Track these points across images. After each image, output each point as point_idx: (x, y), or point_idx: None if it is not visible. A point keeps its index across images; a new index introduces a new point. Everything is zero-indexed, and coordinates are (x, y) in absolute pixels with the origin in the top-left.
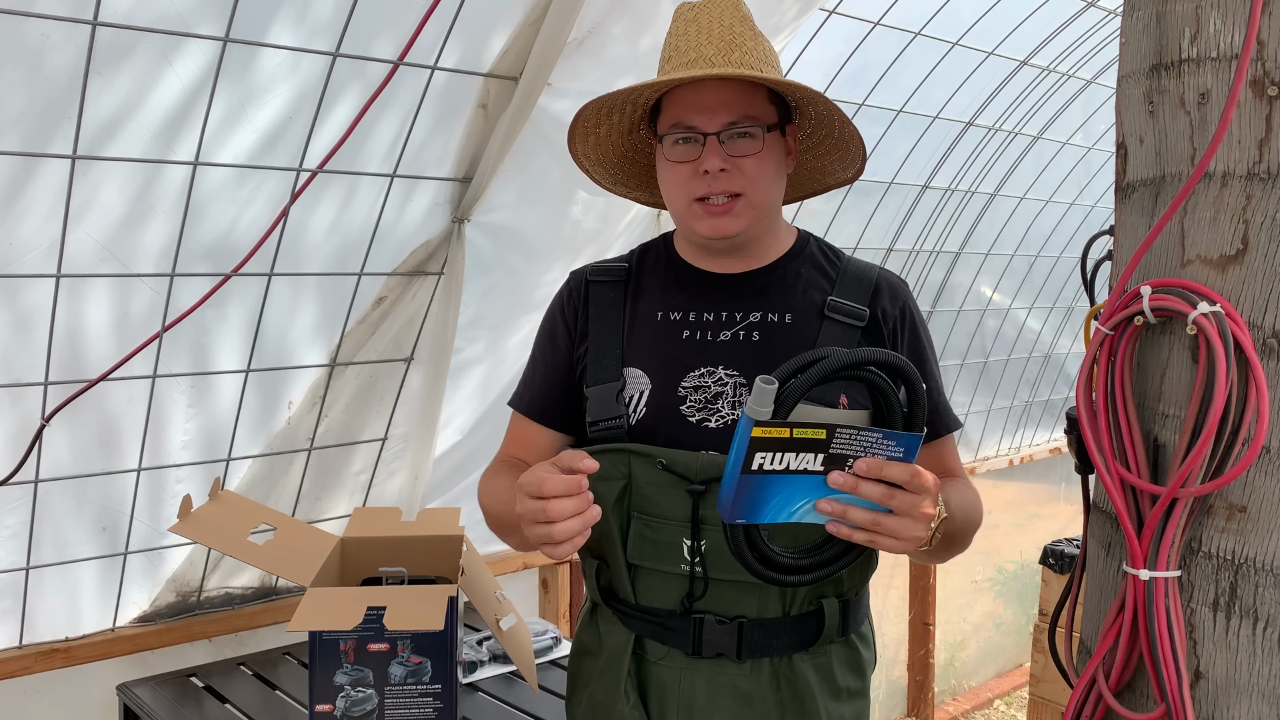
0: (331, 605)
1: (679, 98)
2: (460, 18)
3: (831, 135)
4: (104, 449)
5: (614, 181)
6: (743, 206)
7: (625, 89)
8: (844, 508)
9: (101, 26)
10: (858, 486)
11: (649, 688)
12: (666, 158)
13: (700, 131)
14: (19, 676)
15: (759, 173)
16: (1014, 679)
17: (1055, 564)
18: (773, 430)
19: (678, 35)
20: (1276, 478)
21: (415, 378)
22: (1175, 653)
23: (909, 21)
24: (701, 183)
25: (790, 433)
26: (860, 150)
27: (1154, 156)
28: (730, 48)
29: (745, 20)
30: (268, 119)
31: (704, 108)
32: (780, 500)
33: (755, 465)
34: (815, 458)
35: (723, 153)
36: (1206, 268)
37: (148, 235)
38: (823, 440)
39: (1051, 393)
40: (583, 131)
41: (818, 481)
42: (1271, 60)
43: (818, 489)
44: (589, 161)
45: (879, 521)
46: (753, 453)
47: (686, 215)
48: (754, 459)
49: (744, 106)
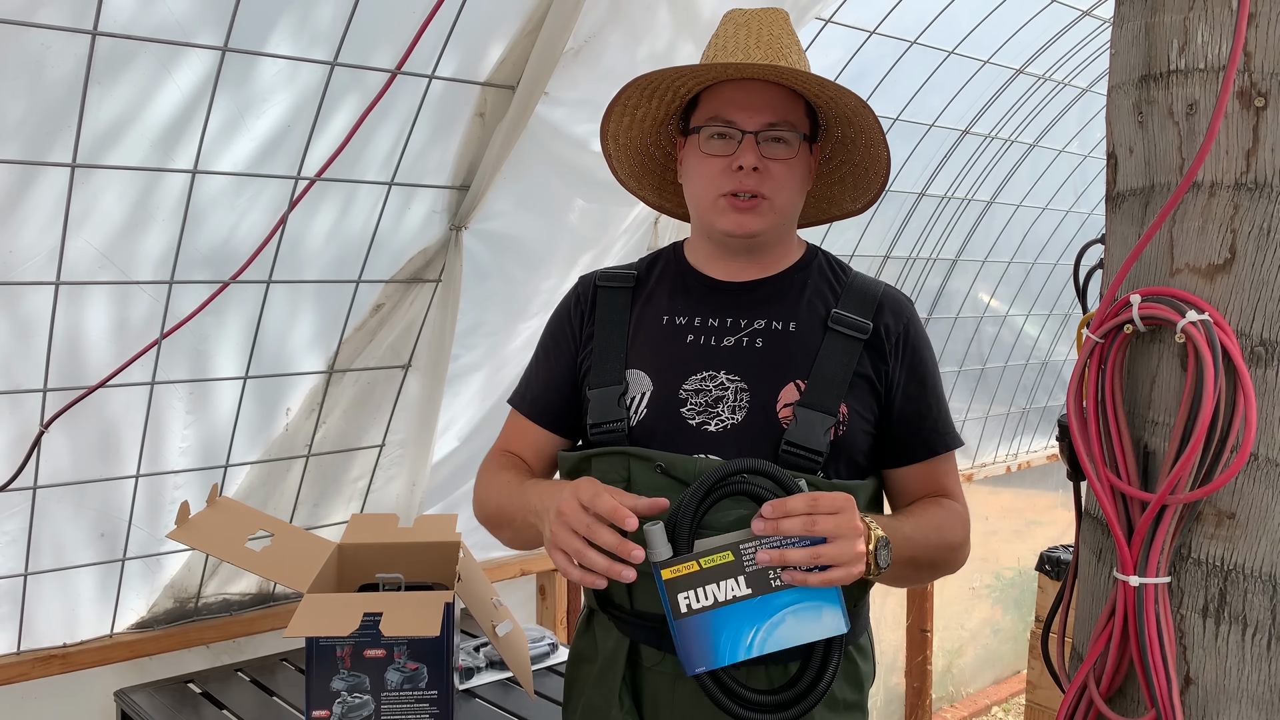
0: (328, 611)
1: (721, 93)
2: (458, 27)
3: (850, 161)
4: (103, 455)
5: (628, 174)
6: (766, 208)
7: (673, 68)
8: (780, 553)
9: (101, 36)
10: (778, 526)
11: (643, 694)
12: (701, 149)
13: (739, 128)
14: (17, 682)
15: (786, 179)
16: (1012, 685)
17: (1052, 570)
18: (681, 568)
19: (726, 36)
20: (1264, 484)
21: (413, 384)
22: (1165, 658)
23: (905, 30)
24: (732, 179)
25: (699, 564)
26: (880, 178)
27: (1143, 166)
28: (778, 56)
29: (792, 35)
30: (266, 127)
31: (746, 105)
32: (729, 636)
33: (684, 608)
34: (738, 581)
35: (758, 152)
36: (1195, 276)
37: (147, 242)
38: (733, 561)
39: (1049, 399)
40: (620, 110)
41: (755, 605)
42: (1258, 72)
43: (759, 613)
44: (615, 145)
45: (819, 553)
46: (674, 595)
47: (711, 209)
48: (679, 603)
49: (784, 111)
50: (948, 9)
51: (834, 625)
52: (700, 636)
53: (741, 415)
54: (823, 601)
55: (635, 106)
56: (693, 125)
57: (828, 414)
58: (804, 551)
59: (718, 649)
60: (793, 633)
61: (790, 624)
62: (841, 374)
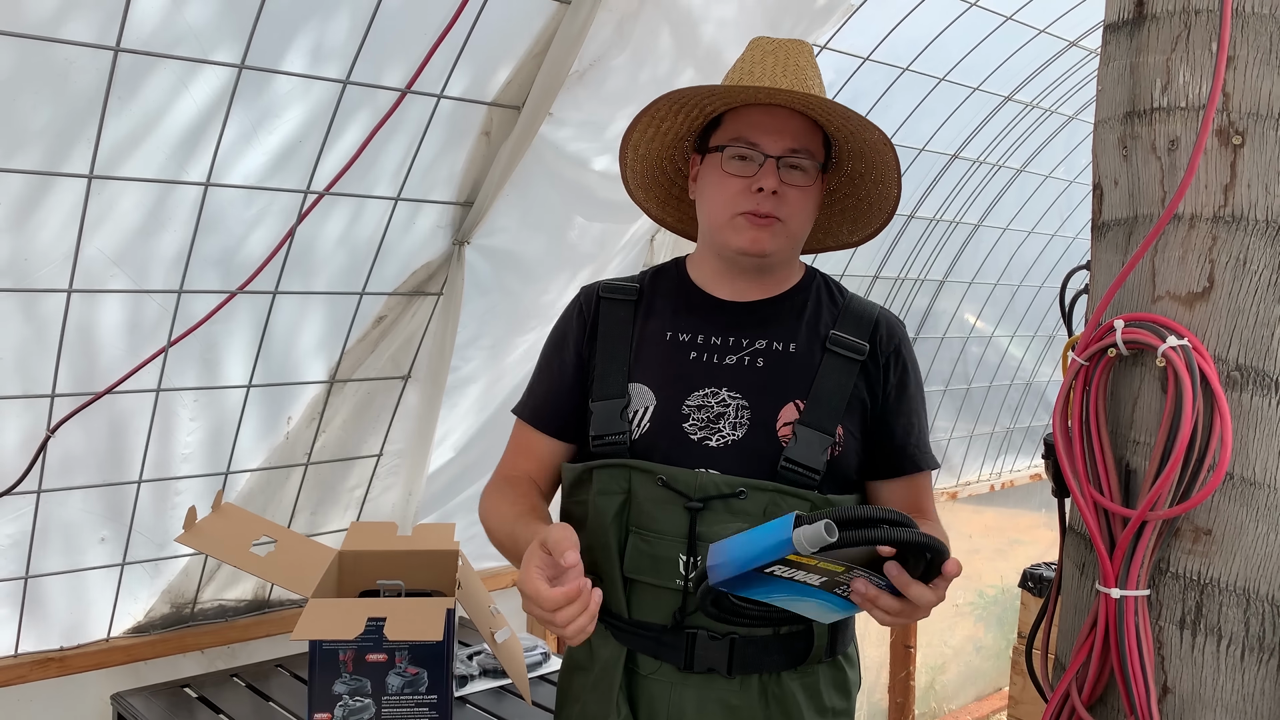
0: (333, 615)
1: (747, 115)
2: (467, 48)
3: (854, 195)
4: (108, 460)
5: (639, 185)
6: (781, 230)
7: (707, 86)
8: (877, 593)
9: (123, 52)
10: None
11: (639, 701)
12: (723, 168)
13: (762, 152)
14: (14, 685)
15: (801, 205)
16: (994, 702)
17: (1034, 587)
18: (805, 559)
19: (752, 61)
20: (1239, 503)
21: (412, 395)
22: (1144, 668)
23: (897, 57)
24: (751, 199)
25: (816, 563)
26: (886, 215)
27: (1127, 198)
28: (802, 85)
29: (815, 66)
30: (278, 141)
31: (771, 129)
32: (766, 590)
33: (770, 570)
34: (818, 578)
35: (778, 176)
36: (1175, 303)
37: (159, 250)
38: (838, 573)
39: (1032, 419)
40: (648, 121)
41: (805, 589)
42: (1236, 111)
43: (802, 593)
44: (634, 154)
45: (902, 611)
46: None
47: (727, 227)
48: (772, 567)
49: (805, 139)
50: (939, 38)
51: (829, 619)
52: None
53: (742, 432)
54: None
55: (662, 120)
56: (714, 144)
57: (826, 434)
58: (894, 602)
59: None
60: (801, 608)
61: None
62: (839, 395)
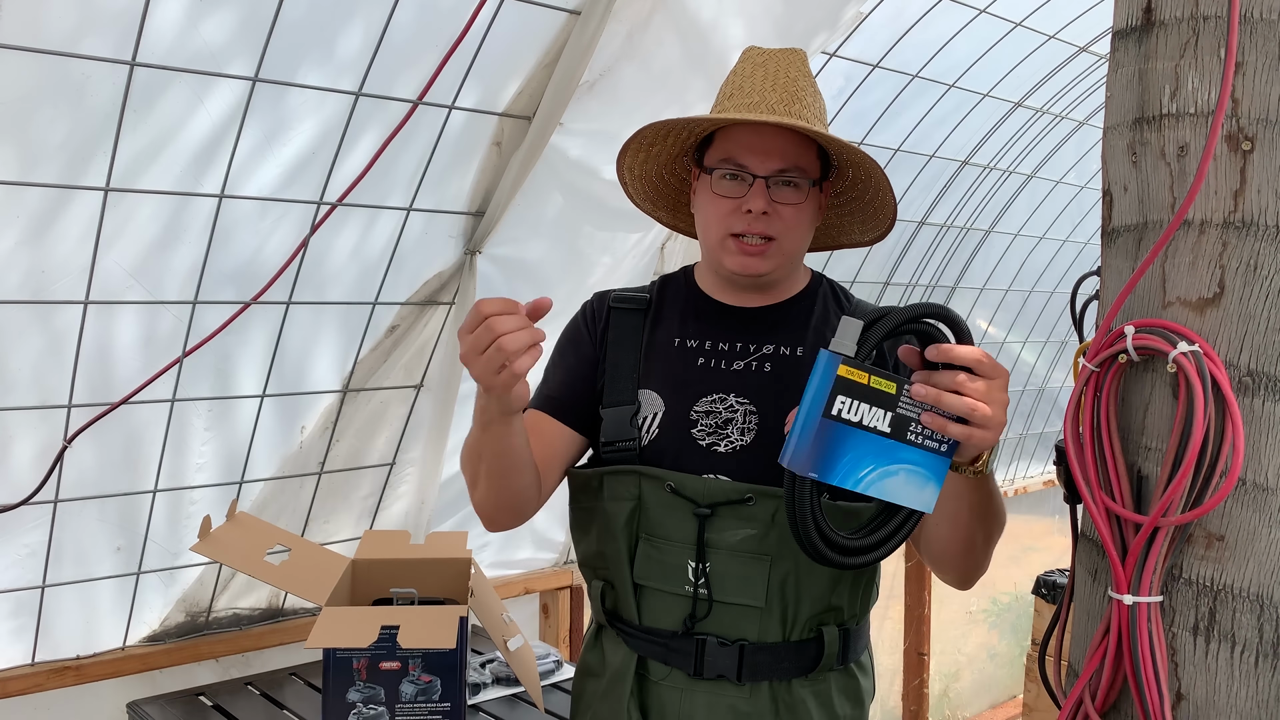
0: (347, 624)
1: (735, 135)
2: (478, 60)
3: (861, 199)
4: (124, 470)
5: (643, 199)
6: (774, 251)
7: (688, 118)
8: (938, 393)
9: (139, 67)
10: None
11: (650, 707)
12: (712, 190)
13: (751, 173)
14: (31, 693)
15: (796, 222)
16: (1008, 710)
17: (1048, 594)
18: (855, 372)
19: (743, 76)
20: (1252, 508)
21: (425, 404)
22: (1158, 675)
23: (907, 64)
24: (741, 220)
25: (868, 379)
26: (888, 218)
27: (1137, 204)
28: (793, 99)
29: (808, 76)
30: (292, 154)
31: (759, 150)
32: (850, 461)
33: (835, 410)
34: (884, 416)
35: (768, 197)
36: (1186, 309)
37: (174, 262)
38: (892, 395)
39: (1045, 426)
40: (636, 147)
41: (883, 447)
42: (1245, 117)
43: (882, 456)
44: (630, 175)
45: (974, 407)
46: (834, 395)
47: (719, 248)
48: (834, 402)
49: (795, 157)
50: (948, 44)
51: (927, 502)
52: (827, 445)
53: (750, 437)
54: (932, 476)
55: (650, 144)
56: (706, 164)
57: None
58: (960, 401)
59: (836, 466)
60: (896, 489)
61: (899, 480)
62: None
